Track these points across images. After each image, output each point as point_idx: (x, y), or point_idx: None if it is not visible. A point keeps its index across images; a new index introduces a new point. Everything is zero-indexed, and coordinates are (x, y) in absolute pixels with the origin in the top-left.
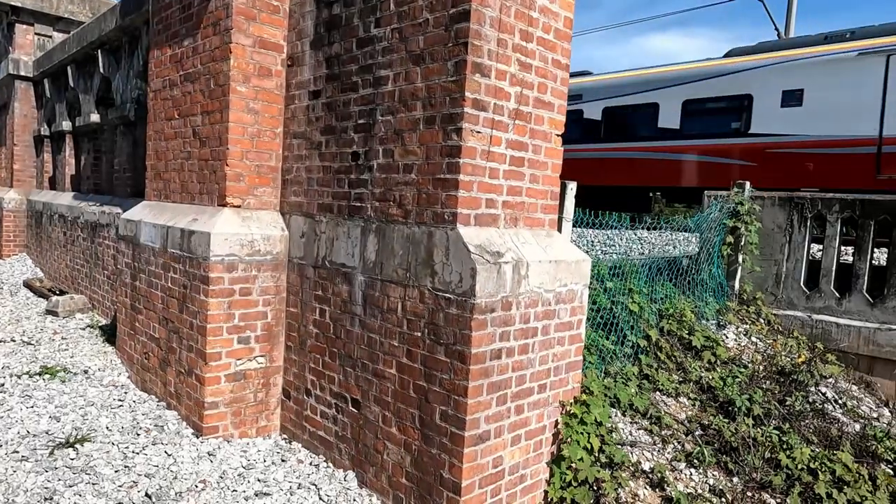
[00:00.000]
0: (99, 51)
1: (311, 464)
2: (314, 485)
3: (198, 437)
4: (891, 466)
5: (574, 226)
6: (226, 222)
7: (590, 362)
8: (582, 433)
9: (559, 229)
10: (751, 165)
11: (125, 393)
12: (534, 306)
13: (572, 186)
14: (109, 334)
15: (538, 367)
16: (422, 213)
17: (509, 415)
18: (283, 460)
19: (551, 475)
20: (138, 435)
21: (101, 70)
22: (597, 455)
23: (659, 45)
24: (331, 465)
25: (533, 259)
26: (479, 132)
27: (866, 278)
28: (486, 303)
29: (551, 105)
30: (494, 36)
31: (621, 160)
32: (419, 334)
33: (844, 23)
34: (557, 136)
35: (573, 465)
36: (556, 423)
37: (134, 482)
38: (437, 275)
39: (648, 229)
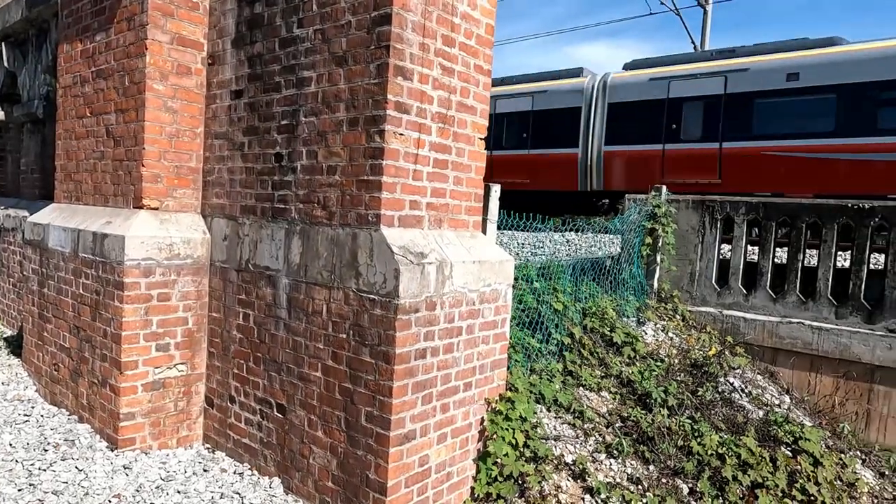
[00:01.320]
0: (3, 43)
1: (235, 472)
2: (238, 493)
3: (112, 451)
4: (790, 448)
5: (506, 228)
6: (142, 225)
7: (516, 360)
8: (507, 429)
9: (484, 231)
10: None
11: (32, 407)
12: (458, 306)
13: (496, 189)
14: (15, 346)
15: (463, 366)
16: (346, 214)
17: (435, 413)
18: (205, 470)
19: (478, 471)
20: (46, 451)
21: (6, 64)
22: (522, 450)
23: (589, 54)
24: (256, 472)
25: (457, 259)
26: (402, 134)
27: (769, 276)
28: (410, 303)
29: (474, 109)
30: (417, 40)
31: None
32: (344, 336)
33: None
34: (481, 139)
35: (499, 460)
36: (482, 420)
37: (40, 500)
38: (361, 276)
39: (573, 231)
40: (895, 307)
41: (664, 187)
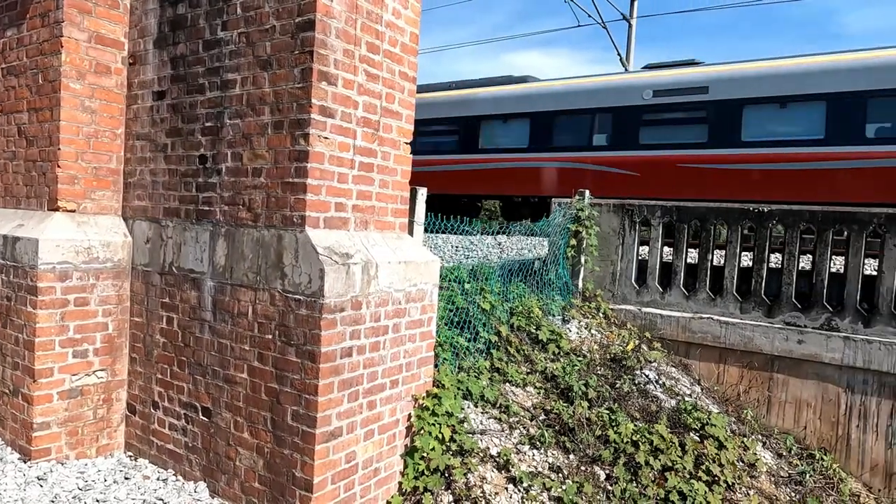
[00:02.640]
0: None
1: (158, 479)
2: (161, 500)
3: (25, 462)
4: (698, 434)
5: (440, 232)
6: (58, 227)
7: (444, 358)
8: (434, 424)
9: (410, 232)
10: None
11: None
12: (384, 305)
13: (423, 192)
14: None
15: (390, 364)
16: (271, 216)
17: (362, 410)
18: (126, 478)
19: (405, 466)
20: None
21: None
22: (448, 444)
23: (524, 62)
24: (180, 477)
25: (383, 260)
26: (326, 138)
27: (682, 275)
28: (335, 302)
29: (399, 115)
30: (341, 46)
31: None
32: (270, 337)
33: (684, 52)
34: (406, 144)
35: (426, 454)
36: (410, 416)
37: None
38: (287, 277)
39: (499, 234)
40: (790, 302)
41: (587, 191)
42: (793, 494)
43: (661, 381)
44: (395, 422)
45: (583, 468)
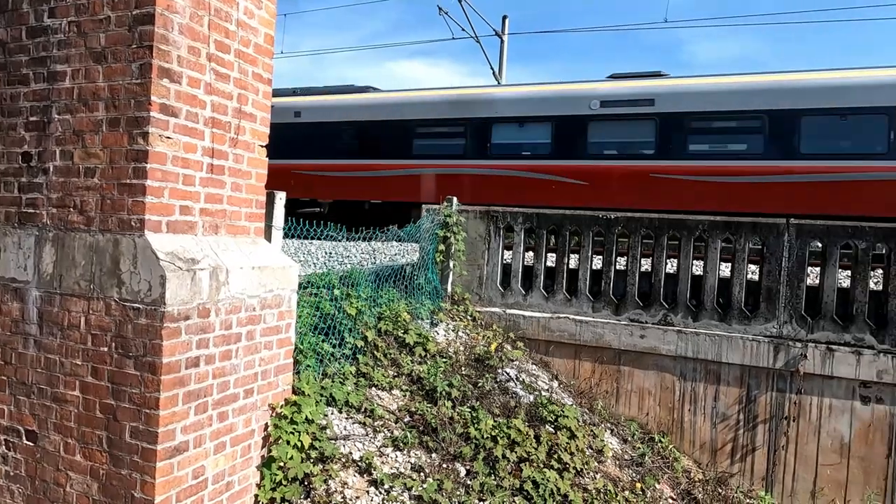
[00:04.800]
0: None
1: None
2: None
3: None
4: (552, 426)
5: (316, 238)
6: None
7: (307, 365)
8: (292, 433)
9: (268, 237)
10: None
11: None
12: (236, 312)
13: (281, 196)
14: None
15: (244, 373)
16: (107, 220)
17: (211, 423)
18: None
19: (262, 478)
20: None
21: None
22: (308, 452)
23: (407, 71)
24: None
25: (234, 265)
26: (169, 137)
27: (542, 277)
28: (179, 310)
29: (253, 116)
30: (185, 43)
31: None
32: (106, 349)
33: (554, 70)
34: (262, 146)
35: (284, 464)
36: (267, 425)
37: None
38: (124, 284)
39: (367, 240)
40: (634, 301)
41: (455, 198)
42: (634, 475)
43: (521, 379)
44: (251, 432)
45: (444, 466)
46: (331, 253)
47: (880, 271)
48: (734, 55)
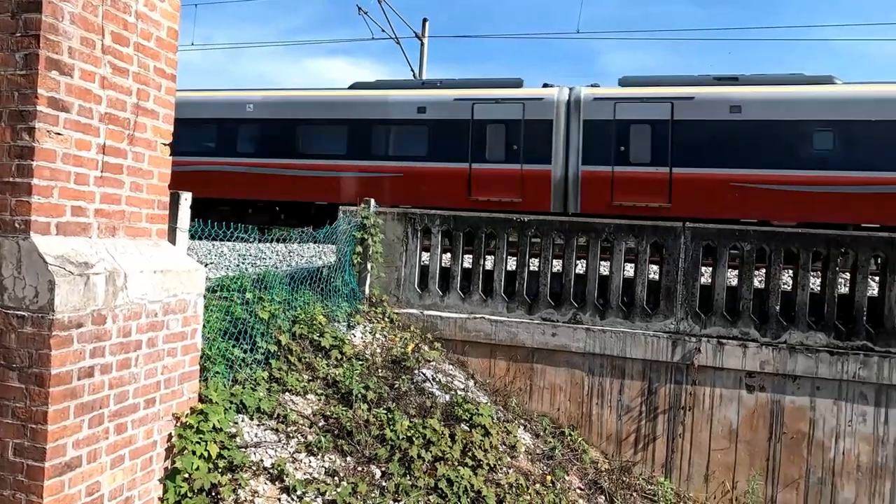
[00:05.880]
0: None
1: None
2: None
3: None
4: (468, 424)
5: (226, 240)
6: None
7: (216, 372)
8: (199, 442)
9: (172, 240)
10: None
11: None
12: (136, 318)
13: (186, 197)
14: None
15: (144, 382)
16: None
17: (108, 435)
18: None
19: (165, 491)
20: None
21: None
22: (215, 462)
23: (327, 68)
24: None
25: (134, 269)
26: (59, 134)
27: (459, 279)
28: (70, 318)
29: (155, 113)
30: (77, 34)
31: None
32: None
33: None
34: (164, 144)
35: (189, 475)
36: (170, 436)
37: None
38: (6, 291)
39: (278, 241)
40: (546, 301)
41: (372, 200)
42: (545, 468)
43: (437, 379)
44: (153, 444)
45: (359, 469)
46: (244, 255)
47: (764, 271)
48: (645, 66)
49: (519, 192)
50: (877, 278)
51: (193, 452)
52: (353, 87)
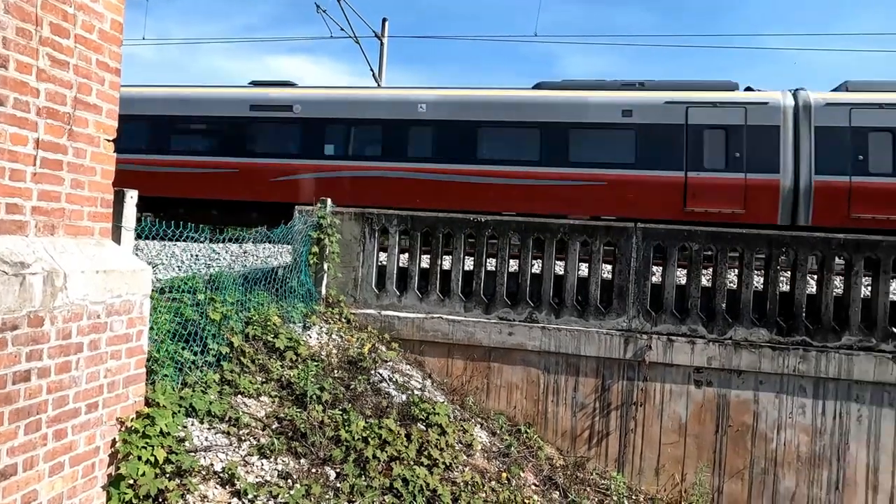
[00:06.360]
0: None
1: None
2: None
3: None
4: (424, 423)
5: (179, 240)
6: None
7: (165, 375)
8: (145, 447)
9: (117, 239)
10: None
11: None
12: (77, 320)
13: (132, 195)
14: None
15: (86, 385)
16: None
17: (46, 442)
18: None
19: (109, 498)
20: None
21: None
22: (163, 467)
23: (287, 66)
24: None
25: (74, 269)
26: None
27: (417, 279)
28: (4, 320)
29: (98, 108)
30: (12, 23)
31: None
32: None
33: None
34: (108, 140)
35: (135, 481)
36: (115, 441)
37: None
38: None
39: (231, 241)
40: (503, 300)
41: (329, 199)
42: (500, 465)
43: (394, 379)
44: (95, 450)
45: (314, 470)
46: (197, 255)
47: (710, 270)
48: (603, 70)
49: (741, 203)
50: (815, 276)
51: (139, 458)
52: (538, 86)
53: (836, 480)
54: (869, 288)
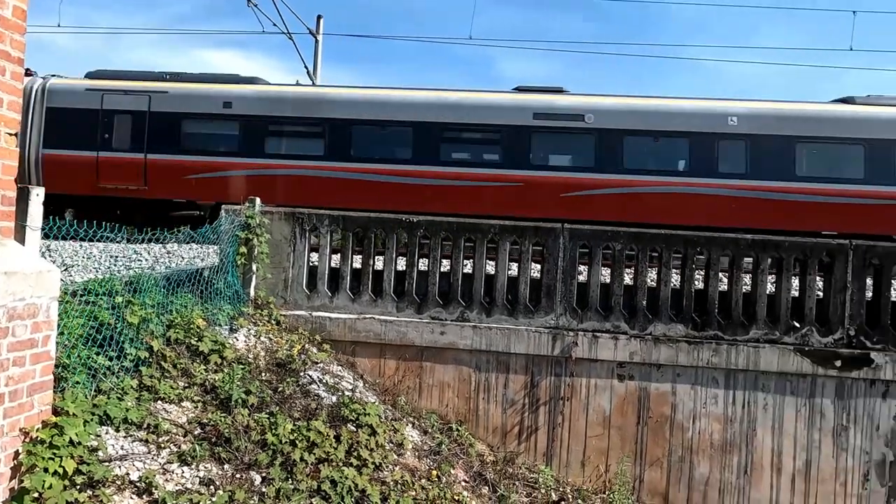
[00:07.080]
0: None
1: None
2: None
3: None
4: (354, 424)
5: (97, 240)
6: None
7: (76, 382)
8: (52, 458)
9: (21, 239)
10: None
11: None
12: None
13: (38, 192)
14: None
15: None
16: None
17: None
18: None
19: None
20: None
21: None
22: (73, 478)
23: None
24: None
25: None
26: None
27: (349, 279)
28: None
29: None
30: None
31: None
32: None
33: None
34: (10, 134)
35: (40, 495)
36: (18, 453)
37: None
38: None
39: (150, 241)
40: (435, 300)
41: (258, 199)
42: (431, 463)
43: (324, 381)
44: None
45: (238, 476)
46: (117, 256)
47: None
48: (539, 75)
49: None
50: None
51: (45, 469)
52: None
53: (745, 465)
54: (774, 285)
